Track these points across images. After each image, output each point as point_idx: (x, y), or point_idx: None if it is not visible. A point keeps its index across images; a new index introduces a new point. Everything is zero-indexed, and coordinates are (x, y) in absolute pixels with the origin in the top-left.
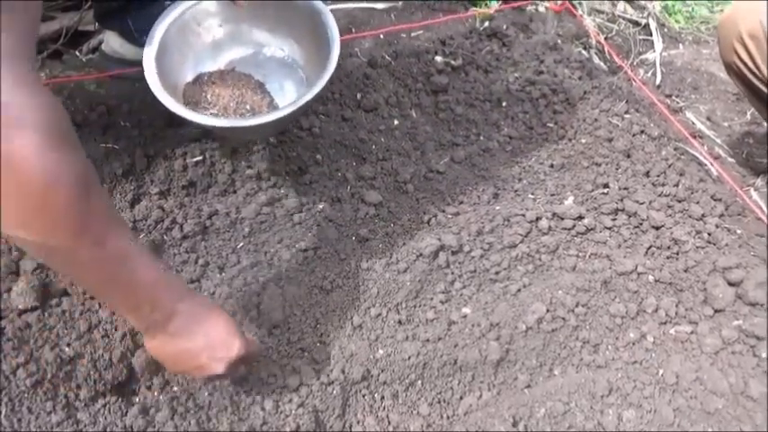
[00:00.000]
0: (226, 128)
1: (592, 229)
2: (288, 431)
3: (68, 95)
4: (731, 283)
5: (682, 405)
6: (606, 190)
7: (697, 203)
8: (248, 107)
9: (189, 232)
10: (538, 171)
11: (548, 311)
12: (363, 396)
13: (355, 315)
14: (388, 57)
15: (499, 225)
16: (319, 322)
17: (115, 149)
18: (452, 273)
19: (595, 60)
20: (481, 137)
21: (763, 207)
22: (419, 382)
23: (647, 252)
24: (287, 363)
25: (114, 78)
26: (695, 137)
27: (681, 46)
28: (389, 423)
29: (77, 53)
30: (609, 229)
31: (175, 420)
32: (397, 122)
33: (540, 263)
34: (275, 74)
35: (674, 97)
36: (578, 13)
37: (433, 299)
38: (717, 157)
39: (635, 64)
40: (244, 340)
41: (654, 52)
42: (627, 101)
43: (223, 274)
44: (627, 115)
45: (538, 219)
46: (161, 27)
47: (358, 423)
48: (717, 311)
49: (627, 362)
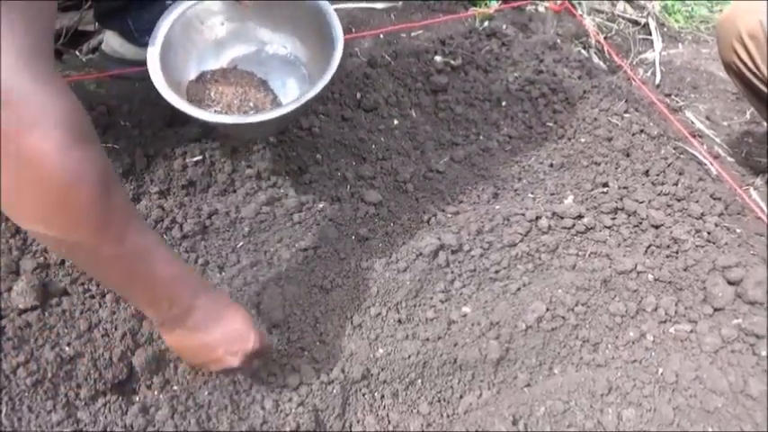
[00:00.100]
0: (232, 125)
1: (591, 228)
2: (288, 430)
3: None
4: (731, 282)
5: (681, 404)
6: (606, 189)
7: (696, 202)
8: (251, 105)
9: (189, 232)
10: (537, 170)
11: (547, 310)
12: (363, 395)
13: (355, 314)
14: (387, 56)
15: (499, 224)
16: (319, 321)
17: (115, 149)
18: (452, 272)
19: (595, 60)
20: (481, 136)
21: (763, 206)
22: (419, 380)
23: (646, 251)
24: (287, 362)
25: (114, 78)
26: (695, 136)
27: (680, 45)
28: (389, 422)
29: (77, 53)
30: (608, 228)
31: (175, 419)
32: (396, 122)
33: (540, 262)
34: (278, 71)
35: (673, 96)
36: (578, 12)
37: (432, 298)
38: (716, 157)
39: (634, 63)
40: (259, 334)
41: (653, 52)
42: (626, 100)
43: (223, 273)
44: (626, 114)
45: (537, 218)
46: (164, 25)
47: (358, 422)
48: (716, 310)
49: (626, 361)
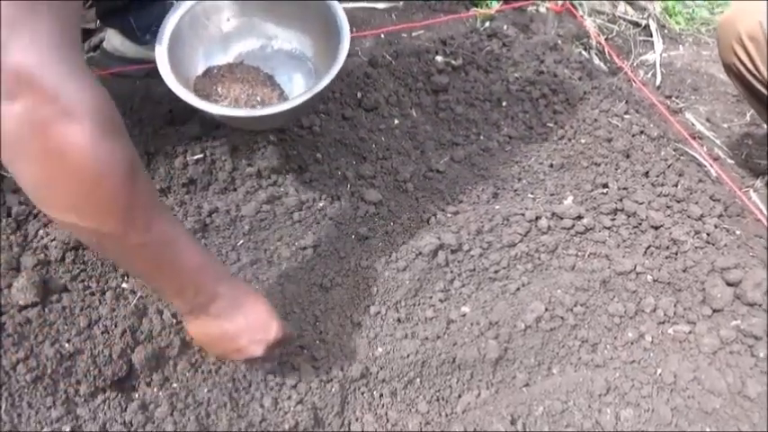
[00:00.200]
0: (247, 118)
1: (591, 228)
2: (287, 428)
3: None
4: (729, 284)
5: (679, 404)
6: (605, 190)
7: (696, 204)
8: (258, 99)
9: (189, 230)
10: (537, 171)
11: (546, 310)
12: (362, 394)
13: (354, 313)
14: (388, 56)
15: (498, 224)
16: (318, 320)
17: None
18: (452, 271)
19: (595, 61)
20: (481, 136)
21: (762, 208)
22: (418, 380)
23: (645, 252)
24: (286, 360)
25: (115, 76)
26: (695, 138)
27: (681, 47)
28: (388, 421)
29: None
30: (608, 228)
31: (175, 416)
32: (397, 122)
33: (540, 262)
34: (283, 66)
35: (673, 98)
36: (579, 13)
37: (432, 297)
38: (716, 158)
39: (635, 65)
40: (281, 323)
41: (654, 53)
42: (627, 101)
43: None
44: (626, 116)
45: (537, 218)
46: (171, 23)
47: (357, 420)
48: (715, 311)
49: (625, 361)
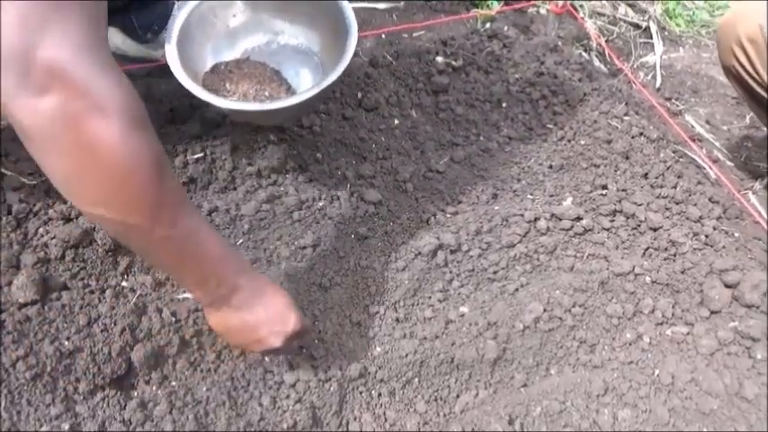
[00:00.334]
0: (262, 112)
1: (590, 229)
2: (285, 427)
3: None
4: (728, 285)
5: (677, 405)
6: (605, 191)
7: (695, 206)
8: (267, 94)
9: None
10: (537, 172)
11: (545, 311)
12: (360, 393)
13: (353, 313)
14: (389, 57)
15: (498, 225)
16: (318, 319)
17: None
18: (450, 272)
19: (596, 62)
20: (481, 137)
21: (761, 210)
22: (416, 379)
23: (644, 253)
24: (285, 359)
25: None
26: (694, 140)
27: (681, 49)
28: (386, 420)
29: None
30: (607, 230)
31: (173, 415)
32: (397, 122)
33: (538, 263)
34: (290, 61)
35: (673, 100)
36: (579, 15)
37: (431, 297)
38: (715, 161)
39: (635, 67)
40: (299, 315)
41: (654, 55)
42: (626, 103)
43: None
44: (626, 117)
45: (536, 219)
46: (178, 21)
47: (355, 420)
48: (713, 313)
49: (623, 362)
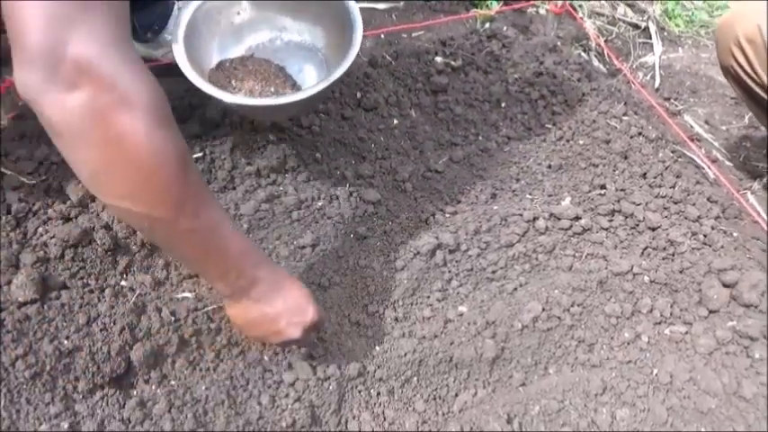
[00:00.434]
0: (269, 107)
1: (588, 229)
2: (284, 426)
3: None
4: (726, 285)
5: (675, 404)
6: (603, 191)
7: (693, 205)
8: (272, 90)
9: None
10: (536, 171)
11: (543, 310)
12: (359, 392)
13: (352, 312)
14: (388, 57)
15: (496, 224)
16: None
17: None
18: (449, 271)
19: (595, 63)
20: (480, 137)
21: (760, 210)
22: (415, 378)
23: (642, 253)
24: (283, 358)
25: None
26: (693, 140)
27: (680, 49)
28: (385, 419)
29: None
30: (605, 229)
31: (172, 413)
32: (396, 122)
33: (537, 262)
34: (293, 57)
35: (672, 100)
36: (578, 15)
37: (429, 297)
38: (714, 161)
39: (634, 67)
40: (317, 307)
41: (653, 55)
42: (625, 103)
43: None
44: (625, 117)
45: (535, 219)
46: (183, 20)
47: (354, 419)
48: (711, 312)
49: (621, 361)
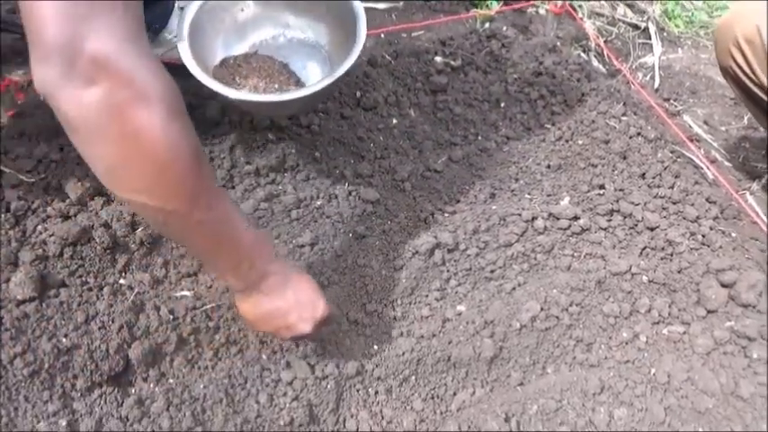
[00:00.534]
0: (276, 103)
1: (587, 229)
2: (282, 424)
3: None
4: (724, 285)
5: (673, 404)
6: (602, 191)
7: (692, 206)
8: (276, 87)
9: None
10: (535, 171)
11: (542, 310)
12: (357, 391)
13: (351, 311)
14: (388, 56)
15: (495, 224)
16: None
17: None
18: (448, 270)
19: (594, 63)
20: (479, 137)
21: (758, 210)
22: (413, 377)
23: (641, 253)
24: (282, 356)
25: None
26: (692, 140)
27: (680, 50)
28: (383, 418)
29: None
30: (604, 229)
31: (170, 412)
32: (395, 121)
33: (536, 262)
34: (297, 55)
35: (671, 101)
36: (578, 15)
37: (428, 296)
38: (713, 161)
39: (634, 67)
40: (326, 301)
41: (653, 56)
42: (624, 103)
43: None
44: (624, 117)
45: (534, 218)
46: (187, 18)
47: (352, 417)
48: (709, 312)
49: (619, 361)
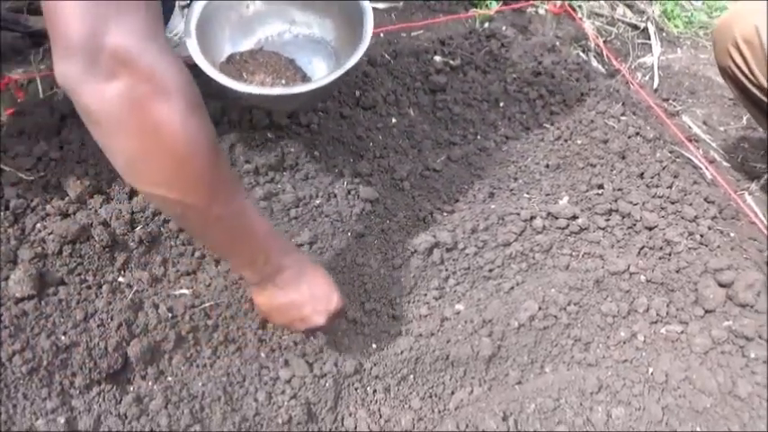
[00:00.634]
0: (285, 96)
1: (585, 228)
2: (280, 422)
3: None
4: (722, 285)
5: (670, 403)
6: (600, 191)
7: (690, 205)
8: (283, 82)
9: None
10: (533, 171)
11: (540, 309)
12: (356, 389)
13: (349, 310)
14: (387, 56)
15: (494, 223)
16: None
17: None
18: (446, 269)
19: (593, 63)
20: (478, 136)
21: (757, 211)
22: (411, 376)
23: (639, 252)
24: (280, 355)
25: None
26: (691, 140)
27: (679, 50)
28: (381, 416)
29: None
30: (602, 229)
31: (169, 409)
32: (394, 120)
33: (534, 261)
34: (303, 50)
35: (670, 101)
36: (578, 15)
37: (426, 295)
38: (712, 161)
39: (633, 67)
40: (341, 294)
41: (652, 56)
42: (623, 103)
43: (219, 266)
44: (623, 117)
45: (532, 218)
46: (195, 13)
47: (350, 416)
48: (707, 312)
49: (617, 360)
